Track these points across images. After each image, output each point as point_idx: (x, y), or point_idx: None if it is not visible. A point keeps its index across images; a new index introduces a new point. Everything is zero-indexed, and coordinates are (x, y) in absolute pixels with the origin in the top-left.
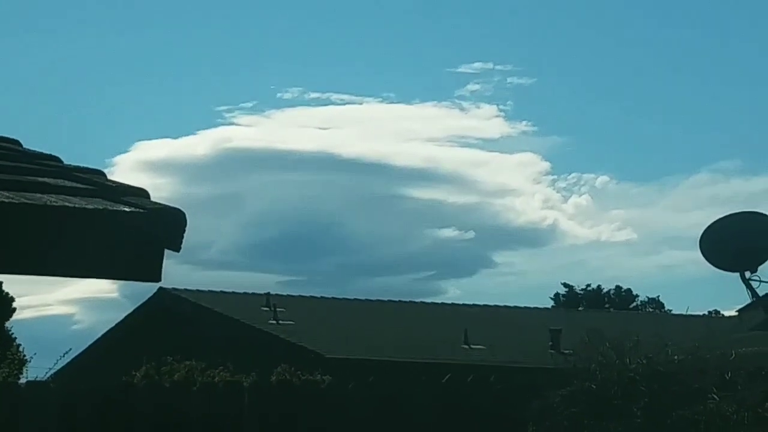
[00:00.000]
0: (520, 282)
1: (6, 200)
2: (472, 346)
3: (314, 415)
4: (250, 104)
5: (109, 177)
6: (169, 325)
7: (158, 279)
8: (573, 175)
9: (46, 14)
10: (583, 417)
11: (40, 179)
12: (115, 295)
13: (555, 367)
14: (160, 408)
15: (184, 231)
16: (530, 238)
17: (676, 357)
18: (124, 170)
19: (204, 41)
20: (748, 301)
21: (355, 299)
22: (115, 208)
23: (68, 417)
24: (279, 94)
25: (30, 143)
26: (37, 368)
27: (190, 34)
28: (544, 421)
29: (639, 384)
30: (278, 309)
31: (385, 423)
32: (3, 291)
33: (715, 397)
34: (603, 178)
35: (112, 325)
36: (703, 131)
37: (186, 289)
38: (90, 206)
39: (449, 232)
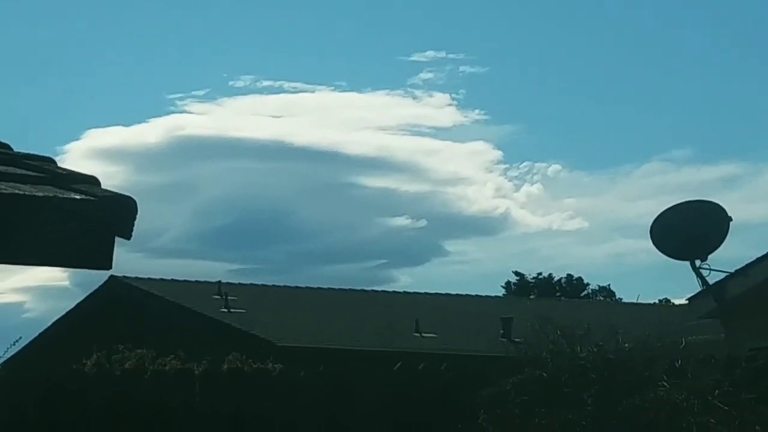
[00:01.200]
0: (472, 270)
1: None
2: (424, 335)
3: (265, 403)
4: (202, 92)
5: (61, 165)
6: (119, 313)
7: (109, 267)
8: (525, 163)
9: None
10: (534, 404)
11: None
12: (66, 283)
13: (506, 355)
14: (111, 396)
15: (135, 218)
16: (482, 226)
17: (626, 345)
18: (75, 158)
19: (156, 28)
20: (698, 289)
21: (306, 287)
22: (65, 196)
23: (17, 405)
24: (231, 82)
25: None
26: None
27: (141, 20)
28: (495, 409)
29: (590, 372)
30: (230, 297)
31: (336, 411)
32: None
33: (666, 384)
34: (555, 167)
35: (63, 313)
36: (654, 120)
37: (137, 277)
38: (40, 194)
39: (401, 221)
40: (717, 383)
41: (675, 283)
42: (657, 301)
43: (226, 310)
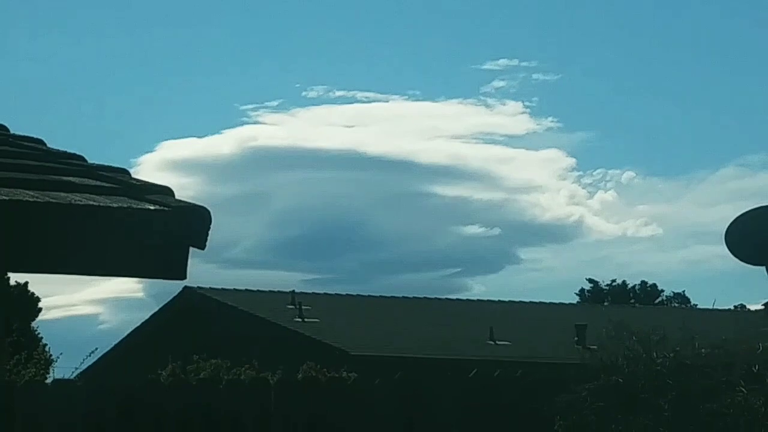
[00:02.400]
0: (546, 278)
1: (31, 199)
2: (498, 343)
3: (340, 412)
4: (275, 103)
5: (134, 176)
6: (194, 323)
7: (183, 277)
8: (599, 170)
9: (72, 14)
10: (610, 411)
11: (65, 178)
12: (140, 294)
13: (582, 362)
14: (186, 406)
15: (209, 229)
16: (556, 234)
17: (703, 350)
18: (149, 170)
19: (229, 40)
20: None
21: (380, 296)
22: (139, 207)
23: (94, 415)
24: (304, 93)
25: (54, 143)
26: (64, 368)
27: (215, 33)
28: (572, 415)
29: (666, 378)
30: (303, 307)
31: (412, 419)
32: (29, 291)
33: (743, 390)
34: (629, 174)
35: (138, 324)
36: (729, 125)
37: (211, 288)
38: (115, 205)
39: (475, 229)
40: None
41: (750, 289)
42: (732, 307)
43: (300, 319)
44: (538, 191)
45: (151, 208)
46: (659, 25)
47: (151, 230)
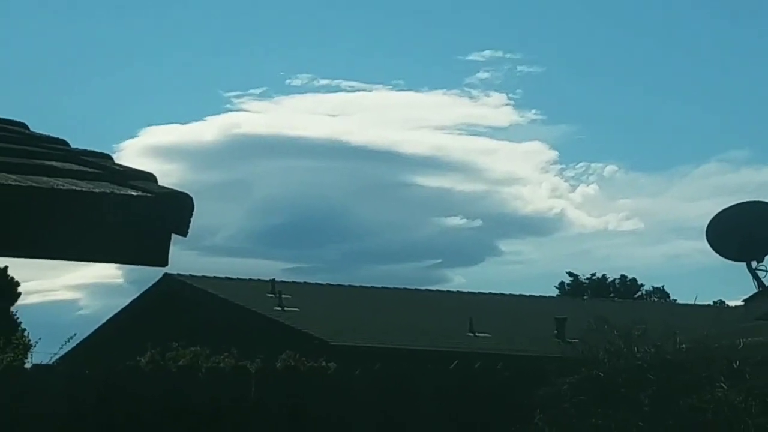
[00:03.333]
0: (527, 270)
1: (13, 183)
2: (477, 334)
3: (320, 402)
4: (259, 90)
5: (117, 162)
6: (174, 310)
7: (165, 263)
8: (581, 164)
9: None
10: (590, 405)
11: (48, 163)
12: (120, 280)
13: (561, 355)
14: (166, 393)
15: (192, 216)
16: (537, 226)
17: (683, 346)
18: (131, 155)
19: (213, 27)
20: (755, 290)
21: (360, 286)
22: (122, 192)
23: (74, 401)
24: (288, 81)
25: (37, 127)
26: (42, 353)
27: (199, 19)
28: (552, 409)
29: (647, 372)
30: (283, 296)
31: (392, 410)
32: (8, 275)
33: (723, 386)
34: (611, 168)
35: (118, 310)
36: (712, 121)
37: (191, 275)
38: (97, 190)
39: (456, 220)
40: None
41: (731, 285)
42: (712, 303)
43: (279, 308)
44: (520, 183)
45: (134, 194)
46: (643, 19)
47: (133, 216)
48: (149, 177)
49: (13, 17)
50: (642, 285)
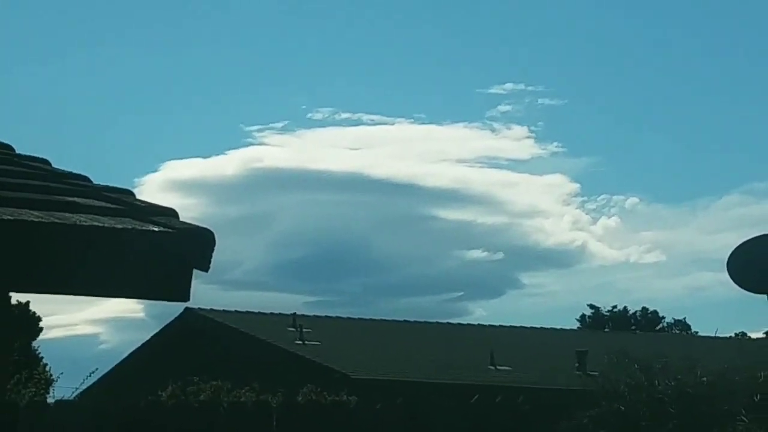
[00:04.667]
0: (548, 303)
1: (36, 219)
2: (499, 368)
3: None
4: (280, 124)
5: (138, 197)
6: (195, 345)
7: (187, 299)
8: (603, 196)
9: (77, 34)
10: None
11: (70, 199)
12: (141, 315)
13: (582, 388)
14: (188, 428)
15: (213, 251)
16: (559, 259)
17: (704, 379)
18: (153, 190)
19: (235, 61)
20: None
21: (381, 320)
22: (144, 228)
23: None
24: (310, 114)
25: (59, 163)
26: (64, 388)
27: (221, 54)
28: None
29: (668, 406)
30: (304, 329)
31: None
32: (30, 310)
33: (745, 419)
34: (633, 200)
35: (139, 344)
36: (734, 152)
37: (212, 309)
38: (119, 226)
39: (478, 253)
40: None
41: (752, 317)
42: (734, 335)
43: (300, 342)
44: (541, 216)
45: (156, 229)
46: (665, 52)
47: (155, 252)
48: (171, 213)
49: (35, 55)
50: (663, 317)
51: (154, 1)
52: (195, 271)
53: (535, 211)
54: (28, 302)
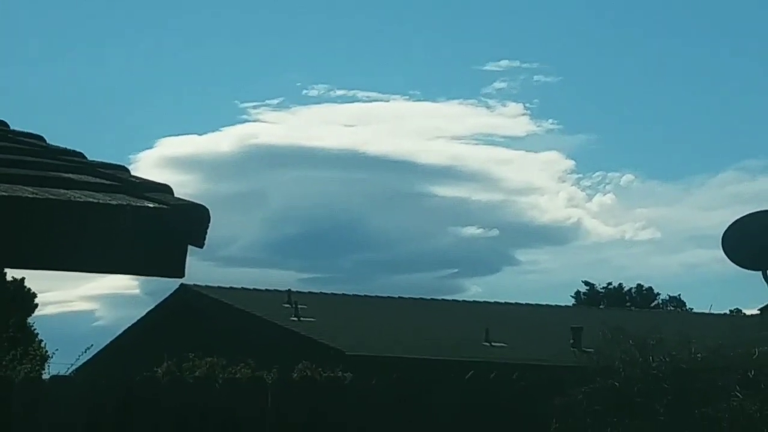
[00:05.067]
0: (543, 280)
1: (30, 195)
2: (494, 344)
3: (337, 412)
4: (275, 101)
5: (133, 173)
6: (190, 321)
7: (182, 275)
8: (598, 173)
9: (71, 12)
10: (606, 414)
11: (64, 175)
12: (136, 291)
13: (577, 364)
14: (183, 404)
15: (208, 227)
16: (554, 236)
17: (699, 355)
18: (148, 166)
19: (230, 37)
20: None
21: (376, 296)
22: (138, 204)
23: (92, 411)
24: (305, 91)
25: (54, 139)
26: (59, 364)
27: (216, 30)
28: (568, 419)
29: (662, 382)
30: (299, 306)
31: (408, 420)
32: (25, 287)
33: (739, 395)
34: (628, 177)
35: (134, 321)
36: (729, 130)
37: (207, 286)
38: (114, 202)
39: (473, 230)
40: None
41: (747, 293)
42: (728, 312)
43: (296, 318)
44: (537, 193)
45: (151, 206)
46: (660, 28)
47: (150, 228)
48: (166, 189)
49: (29, 33)
50: (658, 294)
51: None
52: (190, 248)
53: (531, 188)
54: (23, 279)
